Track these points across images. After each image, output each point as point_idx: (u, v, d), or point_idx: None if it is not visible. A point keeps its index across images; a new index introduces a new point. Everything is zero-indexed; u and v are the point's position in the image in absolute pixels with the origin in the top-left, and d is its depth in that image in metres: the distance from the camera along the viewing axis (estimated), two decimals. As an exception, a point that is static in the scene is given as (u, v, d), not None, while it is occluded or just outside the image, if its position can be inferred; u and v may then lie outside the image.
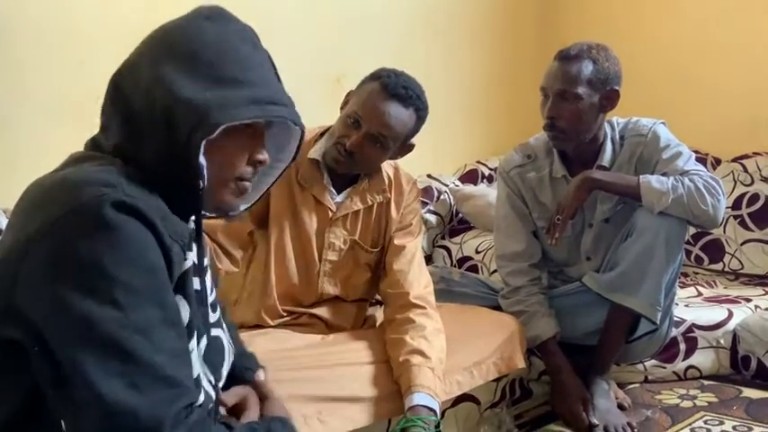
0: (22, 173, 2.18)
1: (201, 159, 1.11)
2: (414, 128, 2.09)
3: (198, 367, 1.15)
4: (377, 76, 2.06)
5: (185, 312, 1.11)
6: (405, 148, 2.12)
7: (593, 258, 2.48)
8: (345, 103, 2.10)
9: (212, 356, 1.21)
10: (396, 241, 2.16)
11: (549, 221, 2.41)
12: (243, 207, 1.24)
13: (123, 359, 0.98)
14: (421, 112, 2.07)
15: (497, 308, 2.47)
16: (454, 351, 2.10)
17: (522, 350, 2.31)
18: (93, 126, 1.19)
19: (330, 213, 2.10)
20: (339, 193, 2.11)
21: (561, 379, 2.36)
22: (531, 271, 2.48)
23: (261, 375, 1.41)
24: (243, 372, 1.38)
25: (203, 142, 1.10)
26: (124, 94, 1.14)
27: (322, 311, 2.15)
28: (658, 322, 2.33)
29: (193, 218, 1.19)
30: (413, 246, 2.17)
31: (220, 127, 1.10)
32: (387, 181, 2.18)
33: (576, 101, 2.30)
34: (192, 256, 1.15)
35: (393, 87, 2.02)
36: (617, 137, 2.45)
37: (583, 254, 2.50)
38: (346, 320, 2.18)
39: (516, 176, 2.52)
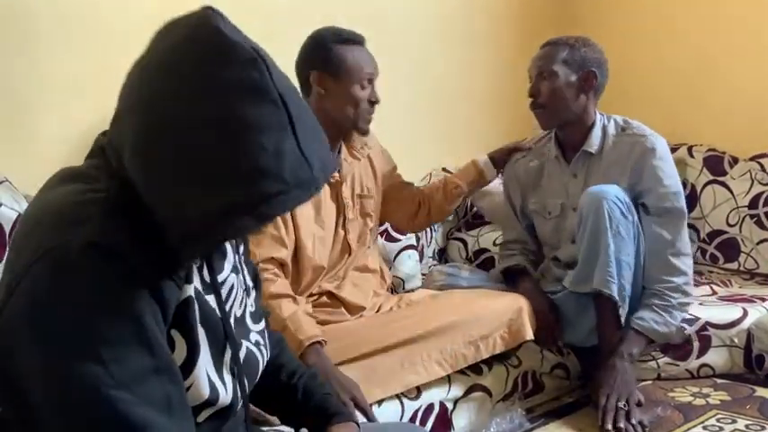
0: (42, 155, 2.21)
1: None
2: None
3: (228, 380, 1.12)
4: (329, 46, 2.14)
5: (181, 347, 1.04)
6: None
7: (578, 241, 2.53)
8: (324, 85, 2.15)
9: (247, 369, 1.16)
10: (399, 180, 2.53)
11: (542, 204, 2.62)
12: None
13: (106, 418, 0.91)
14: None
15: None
16: (461, 326, 2.19)
17: (531, 324, 2.33)
18: (112, 105, 1.15)
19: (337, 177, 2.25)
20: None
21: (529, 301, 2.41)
22: (524, 253, 2.72)
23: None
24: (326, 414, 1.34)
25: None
26: (118, 160, 1.01)
27: (342, 291, 2.23)
28: (615, 294, 2.33)
29: None
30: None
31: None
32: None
33: (553, 78, 2.48)
34: (197, 282, 1.08)
35: (350, 36, 2.17)
36: (611, 128, 2.55)
37: (568, 237, 2.58)
38: (364, 299, 2.27)
39: (519, 166, 2.69)
